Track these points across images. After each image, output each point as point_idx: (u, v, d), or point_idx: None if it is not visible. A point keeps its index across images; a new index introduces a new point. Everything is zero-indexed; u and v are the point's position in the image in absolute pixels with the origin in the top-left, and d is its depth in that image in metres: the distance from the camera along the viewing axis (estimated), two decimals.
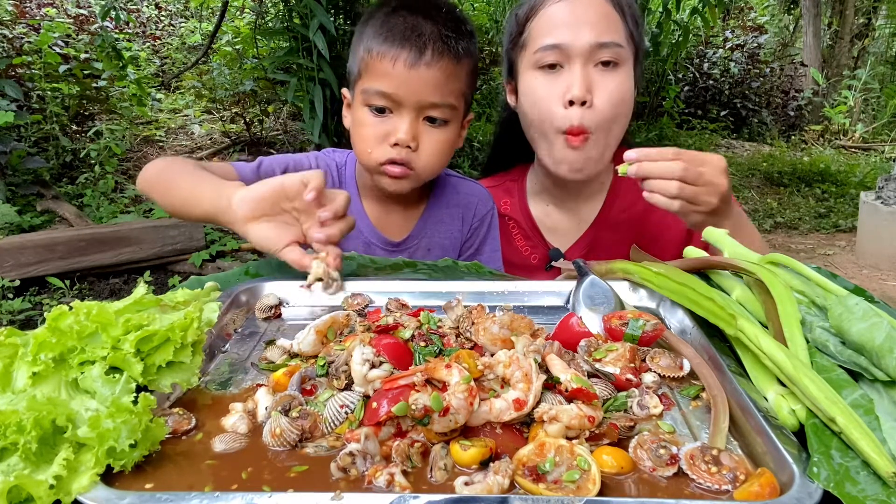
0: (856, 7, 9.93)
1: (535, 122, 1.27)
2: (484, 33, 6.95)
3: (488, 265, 1.29)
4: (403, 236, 1.34)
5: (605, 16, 1.21)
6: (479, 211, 1.38)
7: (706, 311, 0.80)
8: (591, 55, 1.20)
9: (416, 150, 1.19)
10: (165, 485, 0.57)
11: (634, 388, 0.71)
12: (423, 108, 1.17)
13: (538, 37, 1.24)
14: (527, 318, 0.80)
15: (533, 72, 1.25)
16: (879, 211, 4.58)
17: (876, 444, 0.57)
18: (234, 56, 6.15)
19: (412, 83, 1.14)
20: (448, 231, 1.36)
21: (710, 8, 4.70)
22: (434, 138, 1.21)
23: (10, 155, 4.31)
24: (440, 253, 1.35)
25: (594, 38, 1.19)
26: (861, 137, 8.51)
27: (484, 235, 1.38)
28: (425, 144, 1.20)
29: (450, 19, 1.19)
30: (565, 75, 1.21)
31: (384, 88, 1.15)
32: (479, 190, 1.42)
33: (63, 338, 0.65)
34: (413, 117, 1.17)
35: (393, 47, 1.14)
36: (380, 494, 0.55)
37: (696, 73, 8.25)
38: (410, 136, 1.17)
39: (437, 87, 1.16)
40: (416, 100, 1.16)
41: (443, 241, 1.36)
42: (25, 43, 4.94)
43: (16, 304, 3.41)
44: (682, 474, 0.58)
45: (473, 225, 1.38)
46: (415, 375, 0.64)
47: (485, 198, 1.40)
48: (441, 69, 1.15)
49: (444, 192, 1.38)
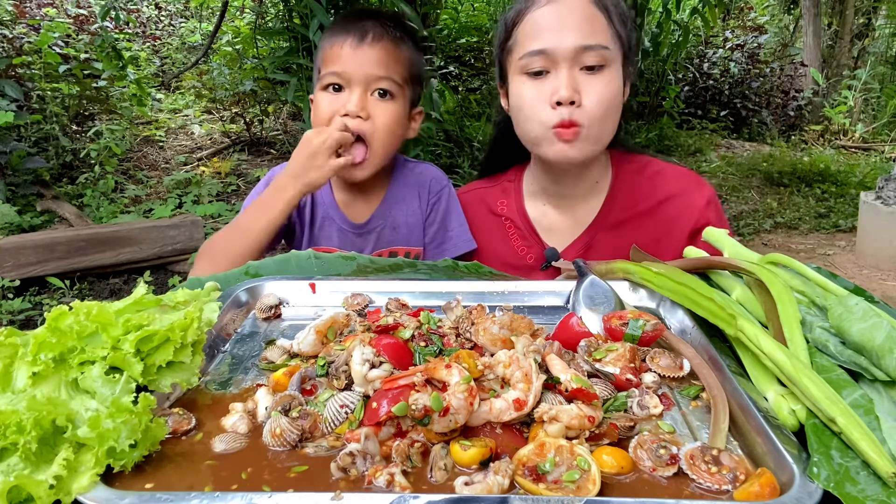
0: (856, 7, 9.93)
1: (525, 124, 1.29)
2: (484, 33, 6.96)
3: (460, 238, 1.44)
4: (366, 217, 1.46)
5: (589, 18, 1.23)
6: (434, 188, 1.49)
7: (706, 312, 0.80)
8: (576, 58, 1.21)
9: (367, 120, 1.32)
10: (165, 485, 0.57)
11: (634, 388, 0.71)
12: (370, 82, 1.32)
13: (524, 42, 1.26)
14: (526, 319, 0.80)
15: (520, 76, 1.27)
16: (879, 211, 4.58)
17: (876, 444, 0.57)
18: (234, 56, 6.15)
19: (358, 59, 1.32)
20: (409, 209, 1.47)
21: (710, 8, 4.69)
22: (384, 109, 1.34)
23: (10, 155, 4.31)
24: (406, 232, 1.47)
25: (578, 42, 1.20)
26: (861, 137, 8.51)
27: (445, 210, 1.48)
28: (378, 115, 1.33)
29: (391, 18, 1.40)
30: (552, 79, 1.23)
31: (336, 68, 1.33)
32: (433, 170, 1.53)
33: (63, 338, 0.65)
34: (362, 90, 1.32)
35: (340, 35, 1.34)
36: (380, 494, 0.55)
37: (696, 73, 8.25)
38: (360, 107, 1.31)
39: (380, 63, 1.33)
40: (363, 73, 1.31)
41: (407, 220, 1.47)
42: (25, 43, 4.94)
43: (16, 304, 3.41)
44: (682, 474, 0.58)
45: (431, 201, 1.49)
46: (415, 375, 0.64)
47: (438, 176, 1.51)
48: (382, 48, 1.33)
49: (402, 173, 1.50)
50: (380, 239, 1.46)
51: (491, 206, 1.48)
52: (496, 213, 1.47)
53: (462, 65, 6.81)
